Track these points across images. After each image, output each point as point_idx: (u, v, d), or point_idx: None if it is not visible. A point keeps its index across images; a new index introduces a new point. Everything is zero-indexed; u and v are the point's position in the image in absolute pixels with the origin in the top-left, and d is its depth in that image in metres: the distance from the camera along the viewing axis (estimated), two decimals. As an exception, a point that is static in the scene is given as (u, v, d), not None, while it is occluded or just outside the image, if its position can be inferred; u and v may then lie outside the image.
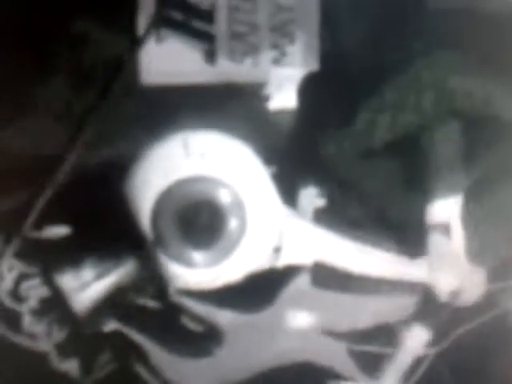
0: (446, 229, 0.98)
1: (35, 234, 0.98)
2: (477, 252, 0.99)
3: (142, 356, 1.00)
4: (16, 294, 0.99)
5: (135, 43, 0.97)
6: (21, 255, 0.98)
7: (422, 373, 1.02)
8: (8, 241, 0.97)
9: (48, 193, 0.95)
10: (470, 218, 0.99)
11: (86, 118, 0.97)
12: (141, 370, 1.02)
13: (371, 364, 1.02)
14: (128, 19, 0.98)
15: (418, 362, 1.01)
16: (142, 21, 0.97)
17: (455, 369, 1.02)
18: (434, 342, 1.00)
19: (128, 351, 1.01)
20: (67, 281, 0.96)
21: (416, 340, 1.02)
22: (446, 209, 0.98)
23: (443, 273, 0.99)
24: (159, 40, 0.98)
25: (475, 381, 1.02)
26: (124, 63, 0.97)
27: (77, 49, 0.98)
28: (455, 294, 0.99)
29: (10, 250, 0.97)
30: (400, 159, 1.00)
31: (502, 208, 1.00)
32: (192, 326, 1.00)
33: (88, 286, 0.96)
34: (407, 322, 1.01)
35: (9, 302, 0.99)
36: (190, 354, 1.00)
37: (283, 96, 1.00)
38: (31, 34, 0.96)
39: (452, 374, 1.02)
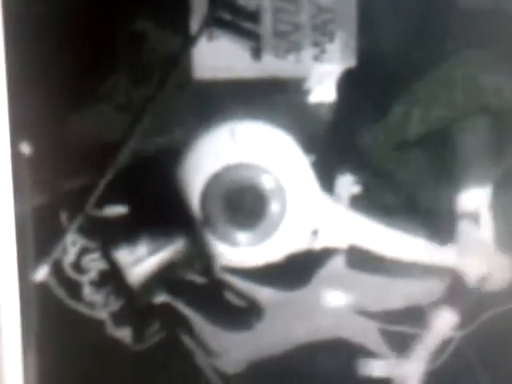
0: (474, 217, 1.00)
1: (97, 213, 1.04)
2: (505, 239, 1.02)
3: (188, 327, 1.06)
4: (78, 266, 1.05)
5: (189, 41, 1.01)
6: (83, 231, 1.04)
7: (448, 355, 1.05)
8: (72, 218, 1.03)
9: (109, 175, 1.00)
10: (499, 206, 1.02)
11: (144, 108, 1.01)
12: (187, 339, 1.07)
13: (401, 343, 1.06)
14: (182, 20, 1.02)
15: (444, 344, 1.05)
16: (195, 21, 1.02)
17: (482, 353, 1.05)
18: (461, 326, 1.04)
19: (176, 322, 1.06)
20: (123, 255, 1.02)
21: (444, 322, 1.04)
22: (473, 199, 1.00)
23: (472, 259, 1.02)
24: (210, 38, 1.02)
25: (501, 365, 1.05)
26: (179, 59, 1.01)
27: (137, 46, 1.02)
28: (483, 279, 1.02)
29: (74, 227, 1.02)
30: (432, 151, 1.03)
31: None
32: (235, 301, 1.05)
33: (142, 260, 1.02)
34: (436, 304, 1.04)
35: (71, 273, 1.05)
36: (232, 327, 1.05)
37: (323, 90, 1.03)
38: (96, 33, 1.01)
39: (478, 357, 1.05)
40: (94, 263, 1.05)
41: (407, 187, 1.03)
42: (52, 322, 1.04)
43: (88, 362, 1.06)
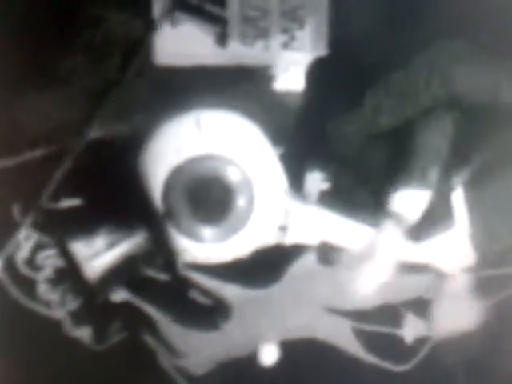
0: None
1: (52, 205, 1.01)
2: (481, 237, 1.00)
3: (150, 326, 1.03)
4: (32, 263, 1.02)
5: (151, 25, 0.99)
6: (38, 225, 1.01)
7: (424, 355, 1.04)
8: (26, 211, 1.00)
9: (65, 166, 0.98)
10: (475, 204, 1.00)
11: (103, 96, 0.99)
12: (149, 339, 1.04)
13: (376, 343, 1.04)
14: (145, 2, 1.00)
15: (420, 343, 1.03)
16: (158, 4, 1.00)
17: (458, 352, 1.03)
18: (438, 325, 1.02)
19: (138, 321, 1.03)
20: (80, 249, 0.99)
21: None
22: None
23: (447, 256, 1.00)
24: (174, 23, 1.00)
25: (478, 363, 1.04)
26: (140, 44, 0.99)
27: (97, 30, 1.00)
28: (459, 277, 1.01)
29: (28, 221, 0.99)
30: (399, 145, 1.00)
31: (506, 195, 1.00)
32: (200, 299, 1.03)
33: (100, 254, 0.99)
34: (412, 302, 1.02)
35: (25, 270, 1.02)
36: (198, 327, 1.03)
37: (292, 79, 1.02)
38: (55, 15, 0.98)
39: (455, 356, 1.04)
40: (50, 260, 1.02)
41: (377, 183, 1.01)
42: (5, 321, 1.01)
43: (45, 363, 1.03)
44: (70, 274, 1.01)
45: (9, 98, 0.99)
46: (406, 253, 1.01)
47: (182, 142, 0.98)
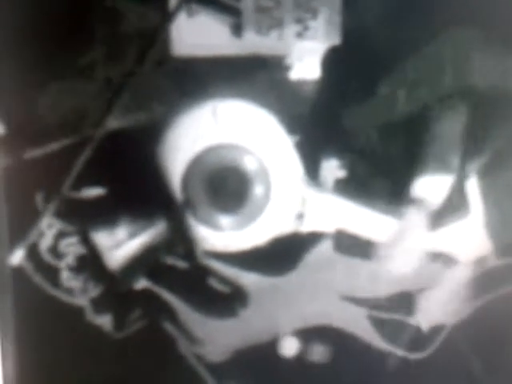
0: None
1: (74, 194, 1.02)
2: (496, 226, 1.00)
3: (170, 314, 1.04)
4: (55, 251, 1.03)
5: (167, 17, 1.00)
6: (60, 214, 1.02)
7: (440, 342, 1.04)
8: (48, 200, 1.01)
9: (86, 155, 0.99)
10: (489, 192, 1.00)
11: (121, 87, 1.00)
12: (169, 327, 1.05)
13: (391, 330, 1.04)
14: None
15: (436, 331, 1.04)
16: None
17: (474, 340, 1.04)
18: (453, 313, 1.03)
19: (157, 309, 1.04)
20: (102, 239, 1.00)
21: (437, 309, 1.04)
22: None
23: (462, 244, 1.01)
24: (189, 14, 1.01)
25: (494, 352, 1.04)
26: (157, 36, 0.99)
27: (114, 21, 1.01)
28: (474, 265, 1.01)
29: (50, 209, 1.00)
30: (415, 133, 1.01)
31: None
32: (219, 287, 1.04)
33: (121, 244, 1.00)
34: (428, 291, 1.03)
35: (48, 258, 1.04)
36: (217, 314, 1.04)
37: (306, 68, 1.02)
38: (72, 7, 0.99)
39: (471, 344, 1.04)
40: (72, 247, 1.03)
41: (393, 170, 1.01)
42: (29, 308, 1.02)
43: (67, 350, 1.04)
44: (91, 263, 1.02)
45: (30, 91, 1.00)
46: (421, 241, 1.01)
47: (199, 131, 0.99)
